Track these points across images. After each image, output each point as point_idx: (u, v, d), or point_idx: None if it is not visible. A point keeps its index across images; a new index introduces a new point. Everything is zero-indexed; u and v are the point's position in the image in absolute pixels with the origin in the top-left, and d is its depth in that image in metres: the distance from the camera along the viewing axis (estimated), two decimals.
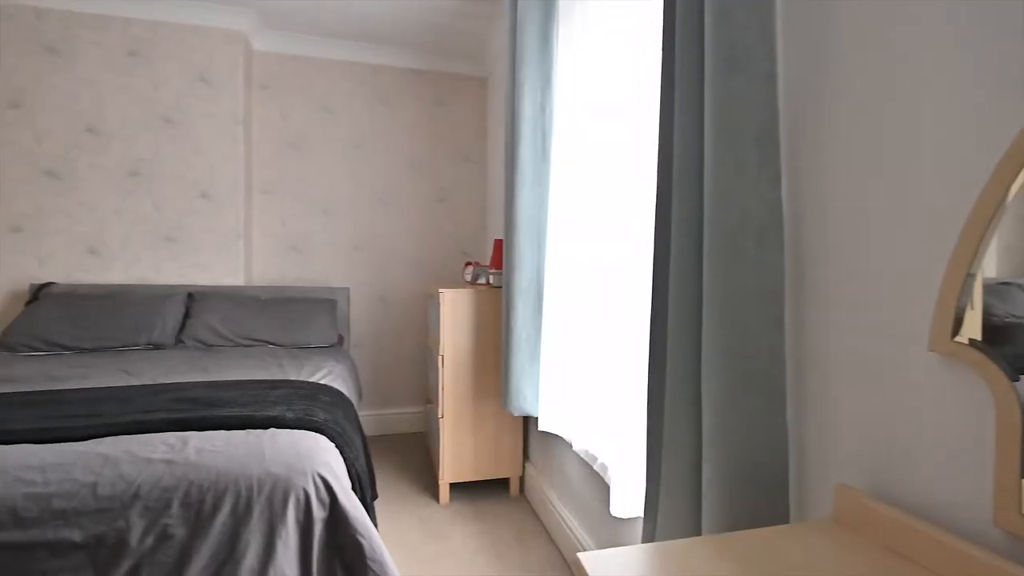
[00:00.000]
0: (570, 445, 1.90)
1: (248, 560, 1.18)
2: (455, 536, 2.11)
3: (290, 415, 1.49)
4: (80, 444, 1.28)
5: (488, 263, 3.16)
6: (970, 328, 0.61)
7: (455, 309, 2.40)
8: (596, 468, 1.65)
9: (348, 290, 3.20)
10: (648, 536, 1.05)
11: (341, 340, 2.90)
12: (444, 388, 2.40)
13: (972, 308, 0.61)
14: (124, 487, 1.18)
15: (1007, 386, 0.58)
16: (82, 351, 2.37)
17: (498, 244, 2.57)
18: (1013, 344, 0.58)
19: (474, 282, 2.71)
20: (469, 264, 2.80)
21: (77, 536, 1.13)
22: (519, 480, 2.52)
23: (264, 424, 1.44)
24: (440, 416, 2.41)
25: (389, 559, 1.26)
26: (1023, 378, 0.57)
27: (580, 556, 0.64)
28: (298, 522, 1.23)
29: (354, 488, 1.36)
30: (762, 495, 0.84)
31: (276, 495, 1.23)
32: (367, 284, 3.36)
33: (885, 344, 0.74)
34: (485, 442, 2.45)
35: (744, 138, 0.84)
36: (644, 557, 0.65)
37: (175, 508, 1.18)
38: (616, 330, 1.50)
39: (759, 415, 0.83)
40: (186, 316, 2.66)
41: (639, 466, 1.35)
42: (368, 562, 1.23)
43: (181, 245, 2.89)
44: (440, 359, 2.40)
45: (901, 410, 0.72)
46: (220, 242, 2.94)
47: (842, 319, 0.81)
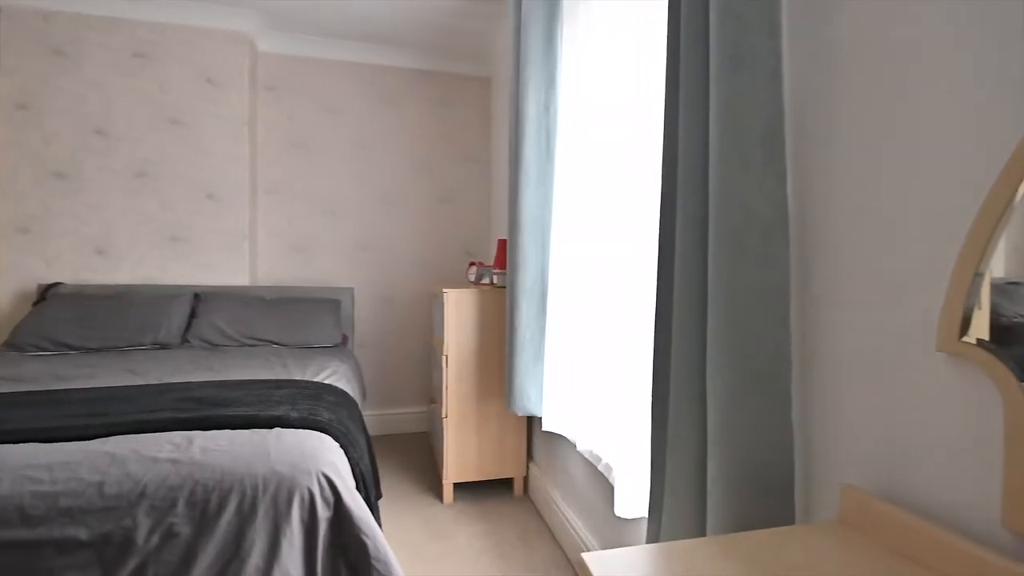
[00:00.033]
0: (574, 445, 1.90)
1: (253, 559, 1.19)
2: (459, 536, 2.11)
3: (295, 415, 1.50)
4: (87, 443, 1.29)
5: (492, 263, 3.16)
6: (978, 328, 0.61)
7: (459, 309, 2.40)
8: (600, 468, 1.64)
9: (352, 290, 3.21)
10: (652, 537, 1.05)
11: (345, 340, 2.91)
12: (448, 388, 2.40)
13: (980, 308, 0.61)
14: (130, 486, 1.19)
15: (1015, 386, 0.57)
16: (89, 351, 2.39)
17: (502, 244, 2.57)
18: (1021, 344, 0.57)
19: (478, 282, 2.71)
20: (473, 264, 2.80)
21: (84, 534, 1.13)
22: (523, 480, 2.52)
23: (269, 424, 1.45)
24: (444, 416, 2.41)
25: (393, 558, 1.27)
26: None
27: (584, 556, 0.64)
28: (303, 521, 1.24)
29: (358, 488, 1.37)
30: (767, 496, 0.83)
31: (281, 494, 1.23)
32: (371, 284, 3.37)
33: (892, 344, 0.74)
34: (489, 442, 2.45)
35: (749, 136, 0.84)
36: (648, 558, 0.65)
37: (181, 507, 1.19)
38: (620, 329, 1.50)
39: (764, 415, 0.83)
40: (192, 316, 2.68)
41: (643, 466, 1.35)
42: (372, 561, 1.24)
43: (187, 245, 2.91)
44: (444, 359, 2.40)
45: (908, 410, 0.71)
46: (226, 242, 2.95)
47: (848, 318, 0.81)
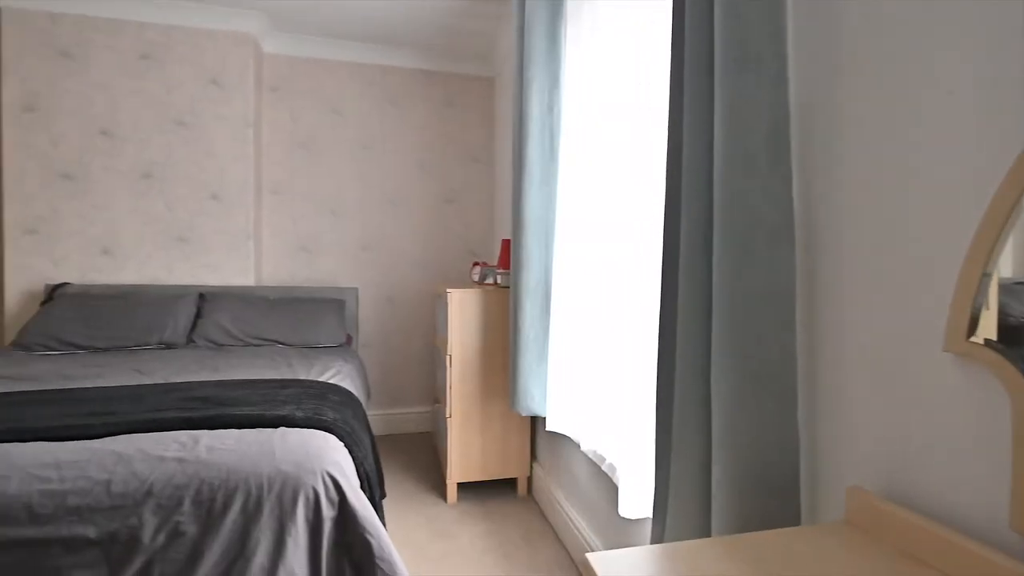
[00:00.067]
0: (578, 445, 1.90)
1: (259, 558, 1.19)
2: (462, 535, 2.11)
3: (300, 414, 1.50)
4: (94, 442, 1.30)
5: (496, 263, 3.16)
6: (986, 328, 0.61)
7: (463, 309, 2.41)
8: (604, 468, 1.64)
9: (357, 290, 3.21)
10: (657, 537, 1.04)
11: (349, 340, 2.92)
12: (452, 388, 2.40)
13: (988, 308, 0.60)
14: (137, 485, 1.19)
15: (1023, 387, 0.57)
16: (96, 350, 2.40)
17: (506, 244, 2.57)
18: None
19: (482, 282, 2.71)
20: (477, 264, 2.80)
21: (91, 533, 1.14)
22: (527, 480, 2.52)
23: (274, 423, 1.46)
24: (448, 416, 2.41)
25: (398, 558, 1.27)
26: None
27: (588, 557, 0.64)
28: (308, 520, 1.24)
29: (363, 487, 1.37)
30: (772, 497, 0.83)
31: (286, 493, 1.24)
32: (375, 284, 3.38)
33: (899, 344, 0.73)
34: (492, 442, 2.46)
35: (755, 137, 0.83)
36: (652, 558, 0.65)
37: (187, 506, 1.19)
38: (624, 330, 1.50)
39: (770, 416, 0.83)
40: (197, 316, 2.69)
41: (648, 467, 1.34)
42: (377, 561, 1.24)
43: (192, 246, 2.92)
44: (448, 359, 2.41)
45: (915, 411, 0.71)
46: (231, 242, 2.97)
47: (854, 319, 0.80)
